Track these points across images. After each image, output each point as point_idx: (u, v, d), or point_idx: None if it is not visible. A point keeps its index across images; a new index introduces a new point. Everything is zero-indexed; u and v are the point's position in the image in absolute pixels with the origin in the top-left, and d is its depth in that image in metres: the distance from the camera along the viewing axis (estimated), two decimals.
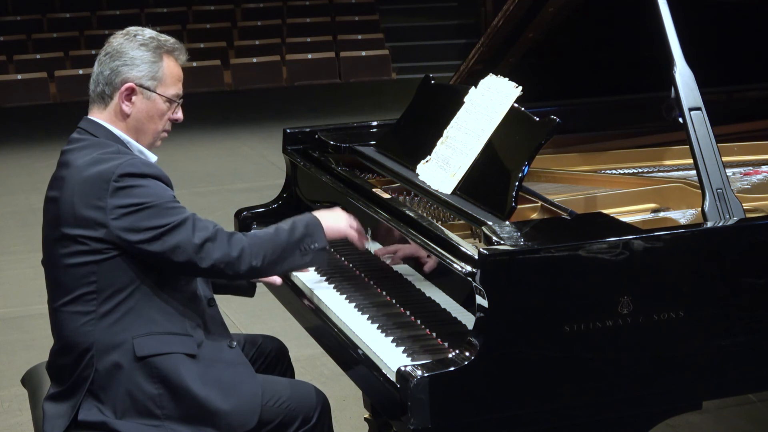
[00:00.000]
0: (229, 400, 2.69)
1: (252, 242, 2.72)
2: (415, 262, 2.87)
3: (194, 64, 13.02)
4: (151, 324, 2.67)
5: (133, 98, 2.74)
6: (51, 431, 2.69)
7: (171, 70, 2.78)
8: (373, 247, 3.18)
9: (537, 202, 2.91)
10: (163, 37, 2.80)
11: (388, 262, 2.97)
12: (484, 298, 2.38)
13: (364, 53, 14.13)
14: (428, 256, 2.75)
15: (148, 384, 2.65)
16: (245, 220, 3.61)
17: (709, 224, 2.63)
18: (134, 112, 2.75)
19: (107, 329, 2.66)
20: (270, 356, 3.11)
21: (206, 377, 2.69)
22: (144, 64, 2.74)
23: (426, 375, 2.33)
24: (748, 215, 2.71)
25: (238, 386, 2.72)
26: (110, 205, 2.61)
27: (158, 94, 2.75)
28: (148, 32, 2.79)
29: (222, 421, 2.68)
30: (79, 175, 2.67)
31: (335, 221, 2.91)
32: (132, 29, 2.79)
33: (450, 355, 2.41)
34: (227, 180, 8.81)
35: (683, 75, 2.80)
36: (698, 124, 2.75)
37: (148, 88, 2.74)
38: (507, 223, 2.64)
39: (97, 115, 2.78)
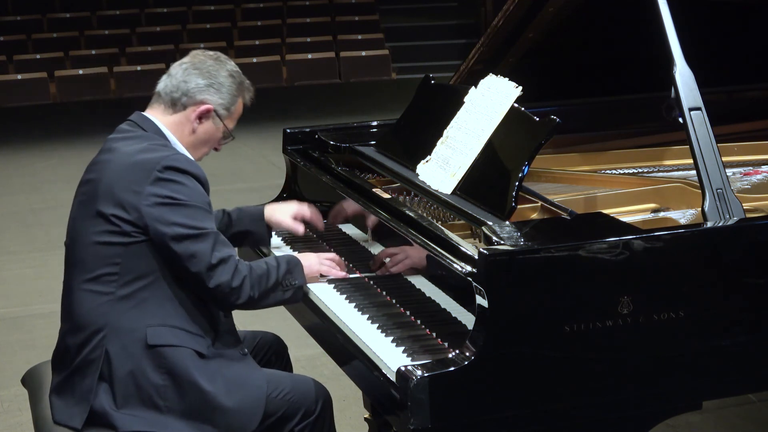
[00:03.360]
0: (233, 396, 2.70)
1: (251, 274, 2.75)
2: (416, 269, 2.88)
3: None
4: (166, 316, 2.70)
5: (204, 119, 2.84)
6: (68, 421, 2.70)
7: (240, 108, 2.92)
8: (376, 249, 3.18)
9: (537, 202, 2.91)
10: (243, 75, 2.93)
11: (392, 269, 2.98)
12: (484, 298, 2.38)
13: (364, 53, 14.13)
14: (427, 262, 2.75)
15: (154, 373, 2.68)
16: None
17: (709, 224, 2.63)
18: (199, 131, 2.86)
19: (123, 313, 2.69)
20: (270, 352, 3.13)
21: (214, 374, 2.71)
22: (227, 94, 2.86)
23: (426, 375, 2.33)
24: (748, 215, 2.70)
25: (244, 386, 2.74)
26: (147, 192, 2.67)
27: (224, 125, 2.87)
28: (233, 64, 2.92)
29: (222, 418, 2.69)
30: (124, 160, 2.73)
31: (308, 262, 2.95)
32: (221, 55, 2.92)
33: (450, 355, 2.41)
34: (227, 180, 8.81)
35: (683, 75, 2.80)
36: (698, 124, 2.75)
37: (219, 117, 2.86)
38: (507, 223, 2.64)
39: (157, 116, 2.85)
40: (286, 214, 3.20)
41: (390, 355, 2.52)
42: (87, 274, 2.72)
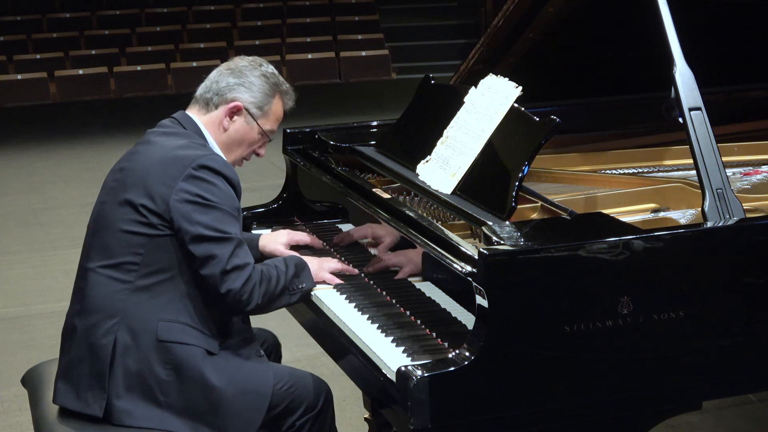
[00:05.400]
0: (238, 401, 2.71)
1: (261, 281, 2.75)
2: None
3: (194, 64, 13.01)
4: (180, 313, 2.72)
5: (236, 117, 2.88)
6: (84, 408, 2.70)
7: (277, 109, 2.94)
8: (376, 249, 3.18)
9: (537, 202, 2.91)
10: (281, 78, 2.97)
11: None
12: (484, 298, 2.38)
13: (364, 53, 14.13)
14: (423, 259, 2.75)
15: (160, 368, 2.69)
16: (245, 220, 3.59)
17: (709, 224, 2.63)
18: (231, 129, 2.89)
19: (137, 304, 2.70)
20: (266, 349, 3.12)
21: (223, 372, 2.72)
22: (259, 92, 2.89)
23: (426, 375, 2.33)
24: (748, 215, 2.70)
25: (250, 391, 2.74)
26: (178, 187, 2.70)
27: (258, 124, 2.89)
28: (272, 68, 2.96)
29: (222, 421, 2.69)
30: (162, 154, 2.77)
31: (313, 267, 2.95)
32: (258, 59, 2.96)
33: (450, 355, 2.41)
34: None
35: (683, 75, 2.80)
36: (698, 124, 2.75)
37: (251, 115, 2.88)
38: (507, 223, 2.64)
39: (195, 116, 2.90)
40: (280, 243, 3.19)
41: (390, 355, 2.52)
42: (108, 259, 2.74)
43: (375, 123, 3.76)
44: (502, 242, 2.48)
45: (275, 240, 3.18)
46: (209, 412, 2.70)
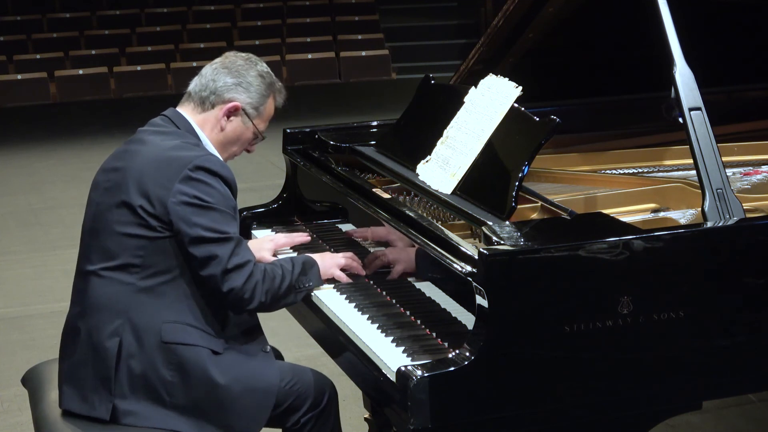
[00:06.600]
0: (243, 399, 2.71)
1: (264, 280, 2.75)
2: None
3: (194, 64, 13.01)
4: (183, 314, 2.71)
5: (232, 117, 2.88)
6: (89, 411, 2.70)
7: (270, 109, 2.95)
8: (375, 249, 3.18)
9: (537, 202, 2.91)
10: (274, 76, 2.98)
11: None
12: (484, 298, 2.38)
13: (364, 53, 14.13)
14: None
15: (164, 368, 2.69)
16: (245, 220, 3.60)
17: (709, 224, 2.63)
18: (228, 129, 2.89)
19: (140, 305, 2.70)
20: None
21: (228, 370, 2.72)
22: (256, 93, 2.90)
23: (426, 375, 2.33)
24: (748, 215, 2.70)
25: (256, 389, 2.74)
26: (176, 189, 2.69)
27: (253, 124, 2.90)
28: (266, 66, 2.97)
29: (227, 419, 2.70)
30: (157, 154, 2.75)
31: (324, 265, 2.95)
32: (252, 56, 2.97)
33: (450, 355, 2.41)
34: None
35: (683, 75, 2.80)
36: (698, 124, 2.75)
37: (248, 116, 2.89)
38: (507, 223, 2.64)
39: (189, 113, 2.88)
40: (267, 251, 3.17)
41: (390, 355, 2.52)
42: (109, 261, 2.73)
43: (375, 123, 3.76)
44: (502, 242, 2.48)
45: (261, 247, 3.17)
46: (215, 411, 2.70)
